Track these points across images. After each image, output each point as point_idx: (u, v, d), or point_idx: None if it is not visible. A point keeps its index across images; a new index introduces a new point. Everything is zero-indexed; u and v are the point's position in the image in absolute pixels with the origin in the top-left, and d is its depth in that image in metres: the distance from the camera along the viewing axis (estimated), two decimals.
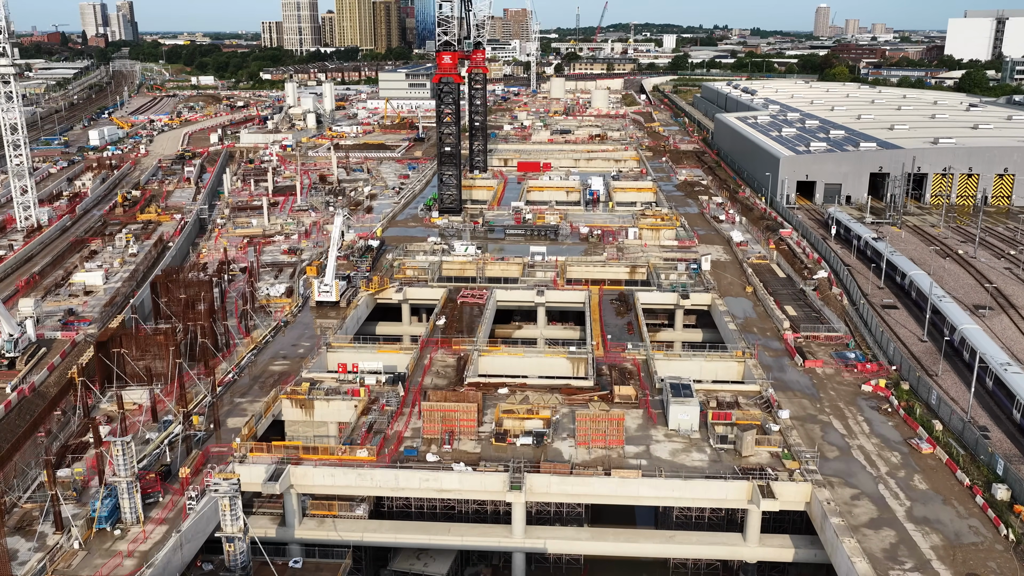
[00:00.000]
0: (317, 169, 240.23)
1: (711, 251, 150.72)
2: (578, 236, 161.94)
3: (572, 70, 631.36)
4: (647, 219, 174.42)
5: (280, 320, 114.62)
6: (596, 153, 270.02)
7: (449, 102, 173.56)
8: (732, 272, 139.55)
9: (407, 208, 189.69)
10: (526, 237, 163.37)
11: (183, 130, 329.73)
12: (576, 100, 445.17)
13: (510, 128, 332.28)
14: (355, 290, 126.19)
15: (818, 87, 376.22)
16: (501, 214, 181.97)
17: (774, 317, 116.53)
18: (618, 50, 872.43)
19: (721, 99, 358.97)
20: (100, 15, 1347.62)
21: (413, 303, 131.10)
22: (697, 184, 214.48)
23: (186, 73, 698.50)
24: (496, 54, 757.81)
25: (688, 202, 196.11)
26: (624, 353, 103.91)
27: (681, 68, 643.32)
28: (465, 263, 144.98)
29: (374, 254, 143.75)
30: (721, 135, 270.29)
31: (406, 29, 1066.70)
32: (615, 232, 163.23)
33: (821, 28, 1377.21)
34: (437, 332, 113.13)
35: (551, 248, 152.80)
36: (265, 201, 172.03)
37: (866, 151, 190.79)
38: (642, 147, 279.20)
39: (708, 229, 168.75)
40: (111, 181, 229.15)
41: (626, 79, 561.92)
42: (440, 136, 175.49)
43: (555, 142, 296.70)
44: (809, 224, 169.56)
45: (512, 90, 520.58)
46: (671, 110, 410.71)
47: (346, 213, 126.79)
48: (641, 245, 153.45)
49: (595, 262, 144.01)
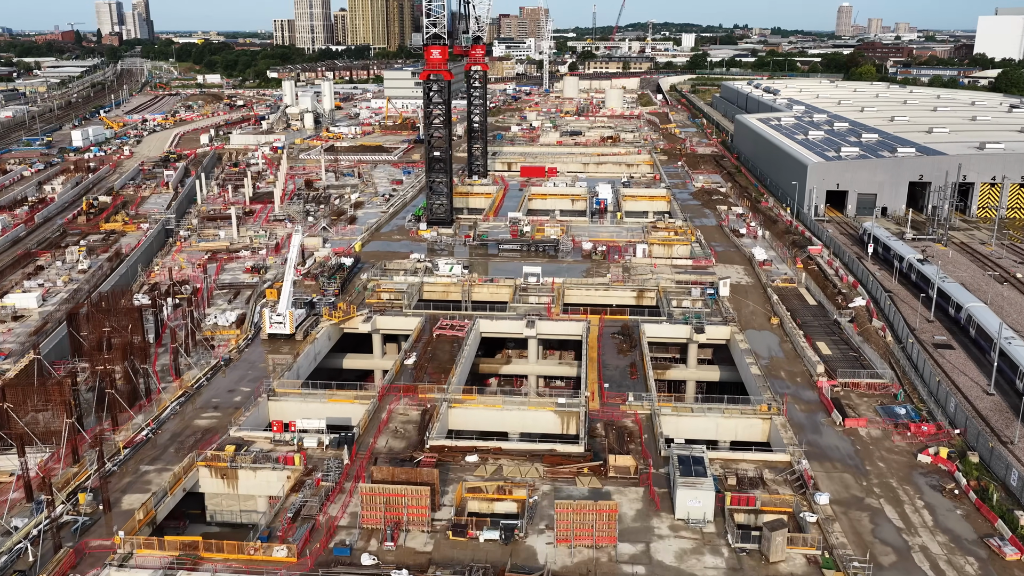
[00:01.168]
0: (305, 173, 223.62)
1: (730, 272, 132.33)
2: (580, 253, 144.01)
3: (587, 69, 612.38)
4: (659, 232, 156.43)
5: (221, 358, 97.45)
6: (607, 157, 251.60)
7: (438, 101, 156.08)
8: (754, 298, 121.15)
9: (395, 218, 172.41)
10: (522, 253, 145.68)
11: (175, 130, 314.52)
12: (590, 100, 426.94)
13: (518, 129, 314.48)
14: (316, 319, 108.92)
15: (844, 87, 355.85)
16: (497, 226, 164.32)
17: (805, 358, 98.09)
18: (635, 49, 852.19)
19: (741, 99, 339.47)
20: (116, 14, 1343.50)
21: (386, 332, 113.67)
22: (715, 192, 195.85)
23: (195, 71, 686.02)
24: (510, 52, 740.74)
25: (705, 212, 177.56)
26: (624, 406, 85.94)
27: (700, 67, 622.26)
28: (449, 285, 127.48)
29: (345, 274, 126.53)
30: (741, 138, 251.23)
31: (420, 27, 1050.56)
32: (622, 248, 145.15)
33: (843, 27, 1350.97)
34: (405, 374, 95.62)
35: (548, 267, 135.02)
36: (234, 210, 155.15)
37: (904, 157, 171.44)
38: (656, 150, 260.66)
39: (727, 245, 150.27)
40: (83, 186, 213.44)
41: (642, 78, 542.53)
42: (428, 139, 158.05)
43: (564, 144, 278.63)
44: (841, 240, 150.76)
45: (524, 89, 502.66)
46: (689, 111, 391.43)
47: (304, 229, 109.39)
48: (650, 265, 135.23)
49: (597, 285, 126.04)
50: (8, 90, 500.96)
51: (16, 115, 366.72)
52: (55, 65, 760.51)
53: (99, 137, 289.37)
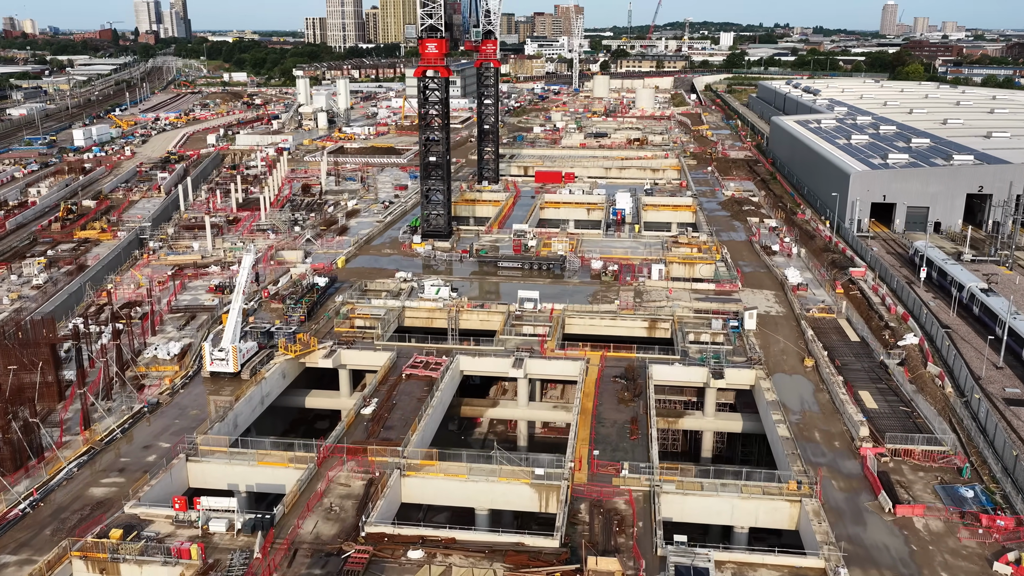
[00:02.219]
0: (306, 177, 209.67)
1: (758, 299, 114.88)
2: (588, 272, 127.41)
3: (619, 68, 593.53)
4: (680, 249, 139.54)
5: (146, 402, 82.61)
6: (631, 161, 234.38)
7: (435, 100, 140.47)
8: (785, 332, 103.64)
9: (391, 228, 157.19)
10: (524, 272, 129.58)
11: (183, 130, 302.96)
12: (620, 100, 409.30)
13: (540, 130, 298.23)
14: (270, 353, 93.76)
15: (891, 87, 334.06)
16: (501, 239, 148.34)
17: (845, 414, 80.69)
18: (672, 48, 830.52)
19: (779, 99, 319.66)
20: (153, 13, 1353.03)
21: (354, 368, 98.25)
22: (746, 202, 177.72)
23: (224, 70, 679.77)
24: (541, 51, 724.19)
25: (734, 225, 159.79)
26: (618, 479, 69.43)
27: (736, 66, 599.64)
28: (434, 310, 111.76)
29: (316, 296, 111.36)
30: (777, 141, 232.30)
31: (453, 25, 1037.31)
32: (636, 268, 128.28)
33: (888, 26, 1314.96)
34: (359, 428, 79.97)
35: (550, 289, 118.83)
36: (209, 220, 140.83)
37: (961, 166, 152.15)
38: (685, 154, 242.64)
39: (756, 265, 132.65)
40: (71, 188, 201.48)
41: (676, 77, 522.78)
42: (423, 143, 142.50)
43: (588, 147, 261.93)
44: (888, 261, 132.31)
45: (552, 88, 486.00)
46: (723, 111, 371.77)
47: (257, 251, 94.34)
48: (666, 290, 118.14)
49: (603, 313, 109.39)
50: (31, 88, 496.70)
51: (30, 113, 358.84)
52: (87, 63, 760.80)
53: (103, 137, 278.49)
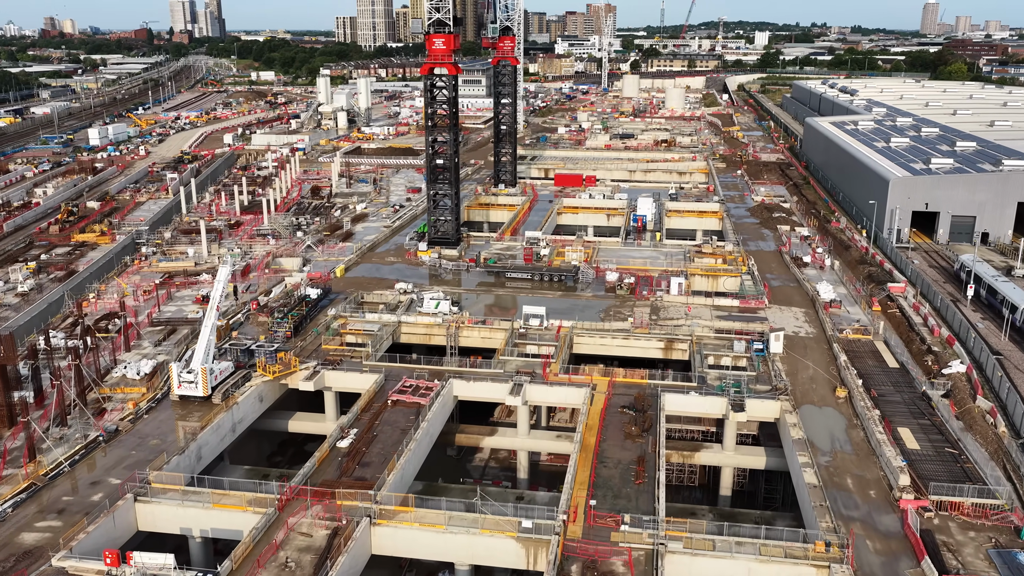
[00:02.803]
0: (318, 179, 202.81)
1: (787, 318, 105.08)
2: (603, 285, 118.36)
3: (650, 67, 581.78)
4: (703, 259, 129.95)
5: (103, 430, 75.18)
6: (657, 163, 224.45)
7: (443, 100, 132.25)
8: (816, 356, 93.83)
9: (398, 234, 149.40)
10: (533, 283, 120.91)
11: (202, 129, 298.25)
12: (650, 100, 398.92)
13: (565, 131, 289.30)
14: (247, 374, 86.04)
15: (932, 87, 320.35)
16: (512, 246, 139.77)
17: (882, 457, 70.96)
18: (705, 48, 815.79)
19: (814, 100, 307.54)
20: (188, 12, 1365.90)
21: (339, 390, 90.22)
22: (777, 208, 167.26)
23: (253, 68, 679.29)
24: (571, 50, 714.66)
25: (763, 234, 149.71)
26: (617, 534, 60.50)
27: (771, 65, 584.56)
28: (431, 326, 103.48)
29: (305, 310, 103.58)
30: (811, 144, 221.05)
31: (483, 24, 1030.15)
32: (654, 280, 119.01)
33: (929, 25, 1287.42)
34: (331, 465, 71.82)
35: (560, 303, 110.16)
36: (203, 225, 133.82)
37: (1012, 171, 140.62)
38: (715, 156, 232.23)
39: (786, 278, 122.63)
40: (78, 189, 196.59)
41: (708, 77, 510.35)
42: (430, 145, 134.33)
43: (613, 148, 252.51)
44: (930, 276, 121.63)
45: (581, 88, 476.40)
46: (756, 112, 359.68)
47: (234, 262, 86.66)
48: (685, 307, 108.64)
49: (615, 332, 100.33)
50: (59, 86, 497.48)
51: (53, 111, 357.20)
52: (120, 62, 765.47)
53: (120, 136, 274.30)
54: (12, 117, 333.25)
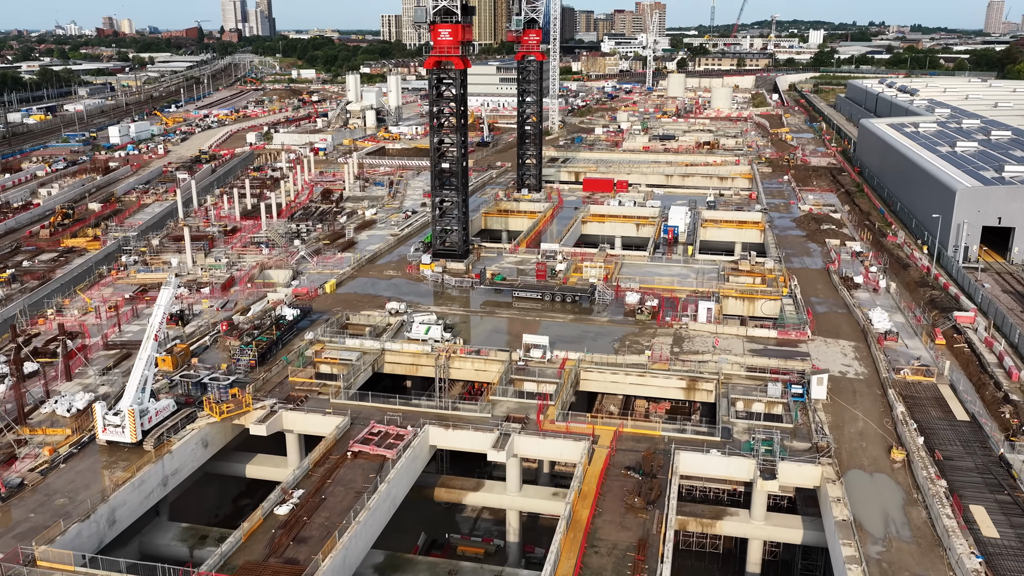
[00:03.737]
0: (333, 181, 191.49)
1: (833, 353, 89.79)
2: (622, 307, 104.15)
3: (697, 66, 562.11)
4: (740, 278, 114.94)
5: (1, 487, 63.46)
6: (696, 167, 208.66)
7: (450, 96, 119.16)
8: (867, 403, 78.61)
9: (405, 244, 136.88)
10: (544, 304, 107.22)
11: (228, 128, 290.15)
12: (695, 100, 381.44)
13: (602, 131, 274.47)
14: (191, 414, 73.89)
15: (1001, 86, 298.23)
16: (527, 260, 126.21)
17: (950, 550, 55.91)
18: (757, 47, 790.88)
19: (870, 100, 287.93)
20: (239, 12, 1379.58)
21: (301, 433, 77.67)
22: (826, 219, 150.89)
23: (297, 67, 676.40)
24: (617, 48, 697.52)
25: (809, 248, 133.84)
26: None
27: (825, 64, 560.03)
28: (419, 355, 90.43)
29: (276, 334, 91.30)
30: (866, 147, 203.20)
31: None
32: (681, 304, 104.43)
33: (993, 24, 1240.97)
34: (262, 538, 59.12)
35: (568, 331, 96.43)
36: (187, 232, 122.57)
37: None
38: (760, 160, 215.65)
39: (833, 302, 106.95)
40: (84, 189, 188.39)
41: (758, 76, 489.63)
42: (436, 147, 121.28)
43: (652, 150, 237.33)
44: (1005, 303, 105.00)
45: (624, 87, 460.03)
46: (807, 113, 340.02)
47: (178, 283, 74.52)
48: (713, 338, 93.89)
49: (628, 367, 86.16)
50: (99, 84, 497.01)
51: (86, 109, 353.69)
52: (167, 60, 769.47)
53: (142, 134, 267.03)
54: (43, 114, 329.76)
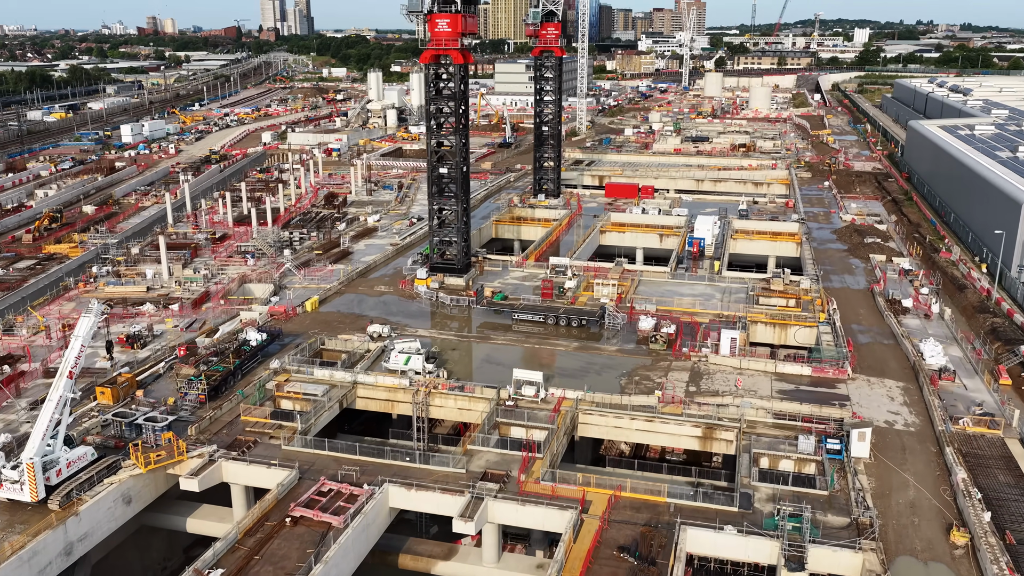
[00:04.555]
0: (342, 184, 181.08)
1: (878, 396, 76.44)
2: (634, 334, 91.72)
3: (736, 65, 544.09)
4: (770, 300, 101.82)
5: None
6: (730, 172, 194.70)
7: (448, 94, 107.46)
8: (920, 464, 65.37)
9: (404, 255, 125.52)
10: (546, 327, 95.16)
11: (247, 127, 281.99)
12: (733, 99, 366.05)
13: (632, 133, 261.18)
14: (113, 463, 63.11)
15: None
16: (535, 275, 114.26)
17: None
18: (799, 45, 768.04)
19: (919, 100, 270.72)
20: (278, 11, 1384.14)
21: (247, 484, 66.57)
22: (870, 231, 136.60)
23: (330, 65, 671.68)
24: (655, 47, 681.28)
25: (850, 265, 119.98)
26: None
27: (870, 63, 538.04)
28: (395, 390, 78.91)
29: (236, 362, 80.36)
30: (915, 151, 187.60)
31: (566, 22, 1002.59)
32: (702, 330, 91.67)
33: None
34: None
35: (570, 361, 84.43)
36: (162, 240, 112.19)
37: None
38: (799, 164, 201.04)
39: (878, 331, 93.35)
40: (85, 190, 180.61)
41: (800, 76, 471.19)
42: (433, 150, 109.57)
43: (684, 152, 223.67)
44: None
45: (659, 86, 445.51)
46: (850, 114, 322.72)
47: (101, 309, 63.75)
48: (736, 376, 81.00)
49: (635, 409, 73.77)
50: (128, 82, 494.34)
51: (109, 107, 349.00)
52: (202, 59, 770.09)
53: (156, 133, 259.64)
54: (64, 112, 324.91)
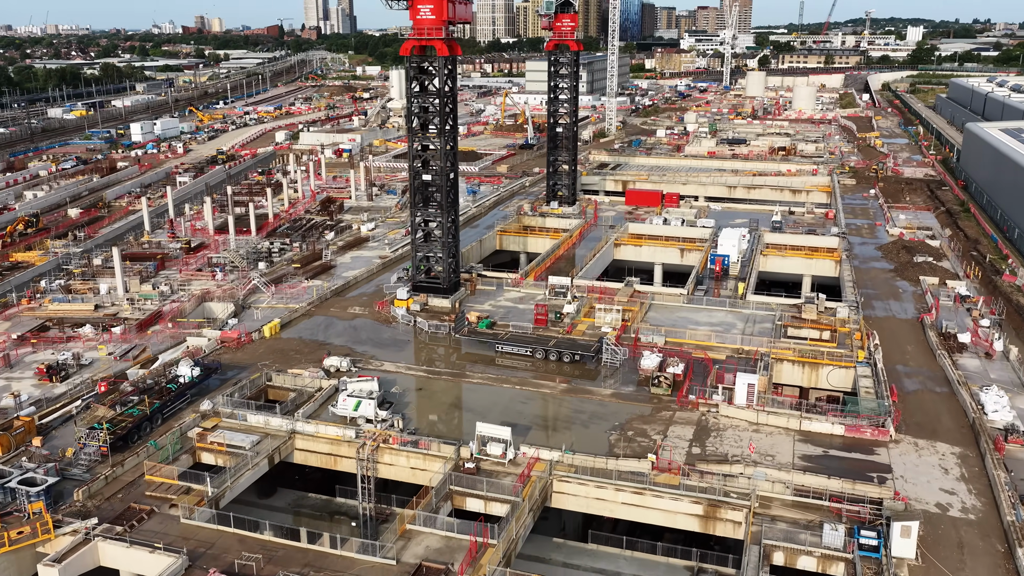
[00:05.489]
0: (345, 187, 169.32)
1: (927, 467, 61.52)
2: (636, 372, 77.81)
3: (780, 63, 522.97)
4: (801, 331, 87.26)
5: None
6: (766, 177, 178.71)
7: (432, 92, 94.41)
8: (981, 571, 50.56)
9: (391, 269, 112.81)
10: (534, 362, 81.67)
11: (263, 126, 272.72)
12: (776, 100, 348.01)
13: (664, 134, 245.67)
14: None
15: None
16: (533, 295, 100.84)
17: None
18: (849, 44, 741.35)
19: (977, 101, 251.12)
20: (321, 10, 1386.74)
21: None
22: (921, 248, 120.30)
23: (366, 63, 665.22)
24: (697, 45, 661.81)
25: (897, 289, 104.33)
26: None
27: (923, 62, 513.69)
28: (338, 443, 66.04)
29: (155, 404, 68.19)
30: (973, 156, 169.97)
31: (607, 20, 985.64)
32: (715, 373, 77.30)
33: None
34: None
35: (552, 409, 70.83)
36: (116, 252, 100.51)
37: None
38: (843, 169, 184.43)
39: (929, 375, 78.06)
40: (77, 192, 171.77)
41: (848, 75, 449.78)
42: (413, 155, 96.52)
43: (718, 156, 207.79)
44: None
45: (699, 86, 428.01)
46: (901, 115, 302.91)
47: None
48: (749, 438, 66.55)
49: (621, 477, 59.91)
50: (159, 80, 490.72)
51: (133, 105, 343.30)
52: (241, 57, 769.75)
53: (168, 132, 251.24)
54: (85, 110, 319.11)
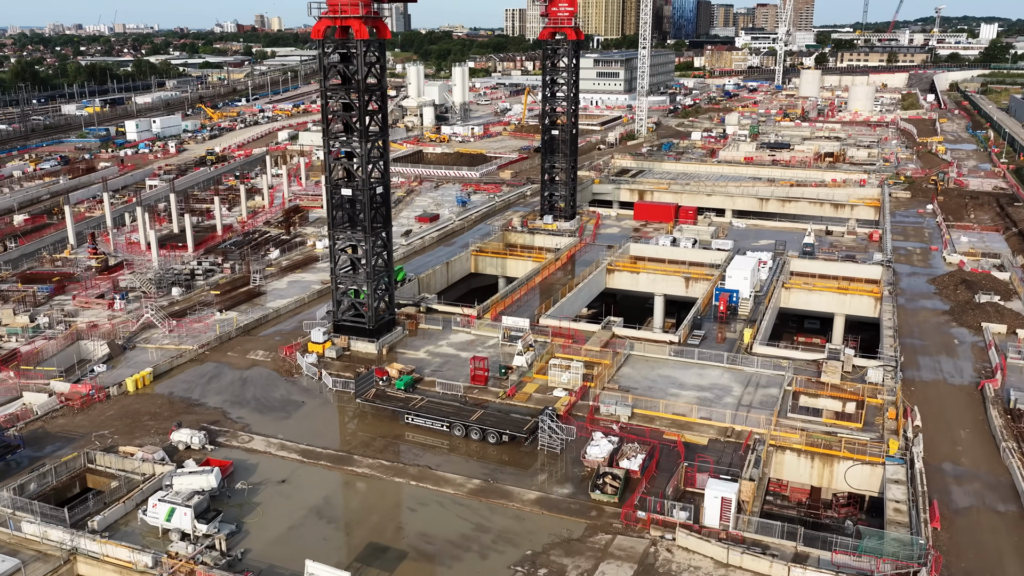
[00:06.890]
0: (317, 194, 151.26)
1: None
2: (579, 465, 57.18)
3: (839, 61, 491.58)
4: (815, 402, 65.94)
5: None
6: (805, 189, 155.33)
7: (357, 82, 75.08)
8: None
9: (328, 299, 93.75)
10: (451, 440, 61.74)
11: (268, 125, 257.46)
12: (830, 100, 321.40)
13: (700, 137, 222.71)
14: None
15: None
16: (488, 337, 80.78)
17: None
18: (917, 42, 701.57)
19: None
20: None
21: None
22: (986, 282, 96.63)
23: (410, 61, 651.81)
24: (751, 43, 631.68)
25: (951, 340, 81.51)
26: None
27: (997, 60, 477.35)
28: (127, 572, 46.87)
29: None
30: None
31: (662, 18, 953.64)
32: (683, 470, 56.19)
33: None
34: None
35: (442, 525, 50.93)
36: None
37: None
38: (898, 179, 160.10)
39: (988, 483, 55.89)
40: (36, 195, 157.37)
41: (912, 73, 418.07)
42: (330, 164, 77.27)
43: (756, 162, 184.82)
44: None
45: (749, 85, 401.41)
46: (969, 117, 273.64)
47: None
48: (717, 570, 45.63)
49: None
50: (192, 77, 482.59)
51: (152, 101, 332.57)
52: (286, 55, 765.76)
53: (169, 130, 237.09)
54: (99, 107, 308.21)
